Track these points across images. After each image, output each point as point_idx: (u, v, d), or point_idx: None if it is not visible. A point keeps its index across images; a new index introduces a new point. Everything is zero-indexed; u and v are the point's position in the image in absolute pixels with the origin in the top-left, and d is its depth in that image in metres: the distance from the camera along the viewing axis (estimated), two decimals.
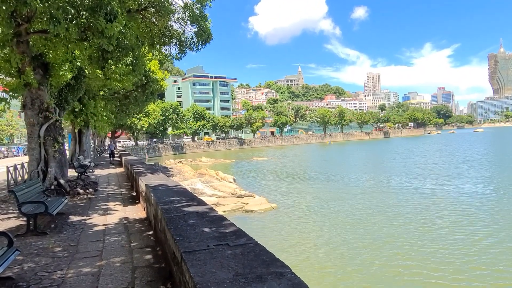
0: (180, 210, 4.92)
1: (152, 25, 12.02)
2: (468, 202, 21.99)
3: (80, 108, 20.09)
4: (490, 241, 14.79)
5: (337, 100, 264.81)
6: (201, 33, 12.40)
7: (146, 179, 9.13)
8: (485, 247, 14.07)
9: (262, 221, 19.20)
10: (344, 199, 24.37)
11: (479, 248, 13.96)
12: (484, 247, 14.13)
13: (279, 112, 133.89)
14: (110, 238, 6.43)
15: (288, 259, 12.98)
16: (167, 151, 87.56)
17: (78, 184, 12.71)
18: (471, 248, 14.00)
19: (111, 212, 8.81)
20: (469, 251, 13.76)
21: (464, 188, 26.99)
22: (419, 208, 20.92)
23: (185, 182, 26.54)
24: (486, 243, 14.61)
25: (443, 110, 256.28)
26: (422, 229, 16.75)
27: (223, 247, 3.13)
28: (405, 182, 30.76)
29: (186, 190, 7.11)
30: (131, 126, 68.61)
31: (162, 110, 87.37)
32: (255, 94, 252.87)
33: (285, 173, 41.45)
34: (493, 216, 18.70)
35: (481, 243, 14.57)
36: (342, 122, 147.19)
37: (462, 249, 13.98)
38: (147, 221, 7.47)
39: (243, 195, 24.75)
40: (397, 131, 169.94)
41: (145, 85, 25.82)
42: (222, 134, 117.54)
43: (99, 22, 7.49)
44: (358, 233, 16.57)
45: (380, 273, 12.05)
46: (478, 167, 38.96)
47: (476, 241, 14.89)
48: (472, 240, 14.97)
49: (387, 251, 14.07)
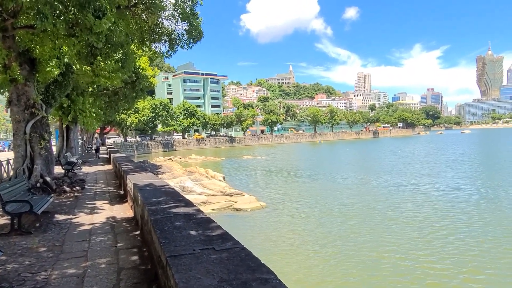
0: (167, 212, 4.88)
1: (142, 22, 11.88)
2: (452, 201, 22.45)
3: (68, 104, 19.83)
4: (475, 239, 15.08)
5: (328, 99, 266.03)
6: (191, 31, 12.31)
7: (134, 178, 9.05)
8: (470, 245, 14.35)
9: (250, 220, 19.21)
10: (333, 198, 24.54)
11: (467, 247, 14.22)
12: (469, 244, 14.41)
13: (270, 110, 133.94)
14: (96, 238, 6.36)
15: (275, 260, 13.09)
16: (157, 148, 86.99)
17: (64, 182, 12.54)
18: (459, 247, 14.26)
19: (98, 211, 8.72)
20: (459, 249, 14.00)
21: (450, 187, 27.49)
22: (406, 207, 21.24)
23: (174, 180, 26.40)
24: (472, 240, 14.91)
25: (432, 111, 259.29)
26: (410, 228, 16.98)
27: (209, 251, 3.11)
28: (393, 182, 31.11)
29: (174, 190, 7.06)
30: (120, 122, 68.02)
31: (152, 107, 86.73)
32: (246, 92, 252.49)
33: (274, 171, 41.54)
34: (475, 213, 19.17)
35: (468, 242, 14.84)
36: (332, 121, 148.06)
37: (450, 249, 14.21)
38: (134, 221, 7.40)
39: (232, 194, 24.72)
40: (386, 131, 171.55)
41: (135, 82, 25.56)
42: (212, 131, 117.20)
43: (87, 18, 7.37)
44: (347, 233, 16.71)
45: (368, 274, 12.17)
46: (463, 168, 39.61)
47: (463, 239, 15.17)
48: (460, 239, 15.24)
49: (375, 250, 14.23)
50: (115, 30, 9.05)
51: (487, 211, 20.01)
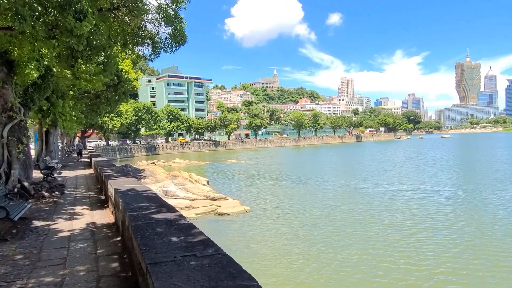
0: (149, 218, 4.82)
1: (124, 25, 11.73)
2: (430, 203, 22.88)
3: (48, 108, 19.38)
4: (452, 241, 15.42)
5: (312, 103, 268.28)
6: (175, 34, 12.22)
7: (115, 183, 8.90)
8: (447, 246, 14.66)
9: (234, 224, 19.13)
10: (316, 202, 24.69)
11: (444, 248, 14.50)
12: (446, 245, 14.72)
13: (254, 114, 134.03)
14: (75, 244, 6.22)
15: (258, 265, 13.10)
16: (140, 151, 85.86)
17: (43, 187, 12.23)
18: (437, 248, 14.53)
19: (77, 217, 8.53)
20: (438, 251, 14.27)
21: (428, 190, 28.06)
22: (386, 210, 21.55)
23: (157, 185, 26.09)
24: (448, 241, 15.23)
25: (413, 116, 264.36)
26: (390, 231, 17.23)
27: (190, 258, 3.08)
28: (374, 185, 31.53)
29: (156, 195, 6.98)
30: (102, 126, 66.90)
31: (135, 110, 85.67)
32: (230, 96, 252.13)
33: (259, 175, 41.54)
34: (452, 215, 19.63)
35: (445, 243, 15.15)
36: (316, 125, 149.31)
37: (434, 250, 14.47)
38: (115, 227, 7.27)
39: (216, 198, 24.58)
40: (369, 135, 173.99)
41: (117, 85, 25.19)
42: (196, 135, 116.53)
43: (68, 20, 7.23)
44: (329, 236, 16.82)
45: (350, 276, 12.27)
46: (441, 172, 40.45)
47: (440, 241, 15.47)
48: (437, 241, 15.54)
49: (356, 253, 14.36)
50: (97, 32, 8.91)
51: (463, 214, 20.56)
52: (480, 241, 15.57)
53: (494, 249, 14.63)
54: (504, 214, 20.14)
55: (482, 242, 15.42)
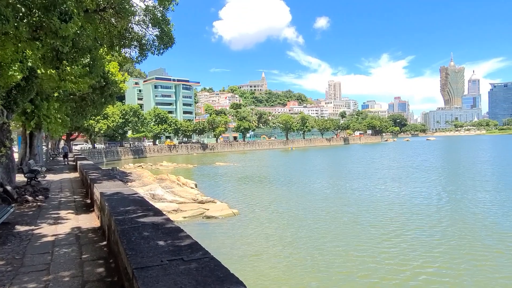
0: (135, 221, 4.75)
1: (111, 27, 11.60)
2: (414, 204, 23.29)
3: (32, 110, 18.98)
4: (434, 240, 15.66)
5: (300, 106, 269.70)
6: (163, 36, 12.14)
7: (101, 187, 8.77)
8: (430, 245, 14.90)
9: (222, 227, 19.05)
10: (304, 204, 24.77)
11: (427, 248, 14.72)
12: (429, 245, 14.95)
13: (242, 117, 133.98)
14: (59, 249, 6.09)
15: (246, 268, 13.08)
16: (127, 155, 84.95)
17: (27, 191, 11.98)
18: (420, 248, 14.73)
19: (62, 221, 8.37)
20: (422, 251, 14.46)
21: (412, 191, 28.62)
22: (372, 211, 21.88)
23: (144, 188, 25.82)
24: (431, 240, 15.49)
25: (399, 119, 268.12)
26: (376, 231, 17.45)
27: (177, 262, 3.04)
28: (360, 187, 31.87)
29: (143, 199, 6.90)
30: (88, 128, 65.93)
31: (122, 113, 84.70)
32: (218, 99, 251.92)
33: (247, 178, 41.49)
34: (435, 216, 20.08)
35: (428, 242, 15.39)
36: (304, 128, 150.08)
37: (418, 251, 14.66)
38: (101, 231, 7.16)
39: (204, 201, 24.45)
40: (356, 138, 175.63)
41: (104, 87, 24.85)
42: (184, 138, 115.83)
43: (52, 21, 7.11)
44: (316, 237, 16.90)
45: (337, 277, 12.33)
46: (425, 173, 41.08)
47: (424, 240, 15.70)
48: (421, 241, 15.76)
49: (343, 254, 14.49)
50: (83, 34, 8.79)
51: (445, 214, 21.09)
52: (461, 241, 15.96)
53: (476, 248, 15.03)
54: (485, 214, 20.73)
55: (464, 242, 15.80)
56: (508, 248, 14.98)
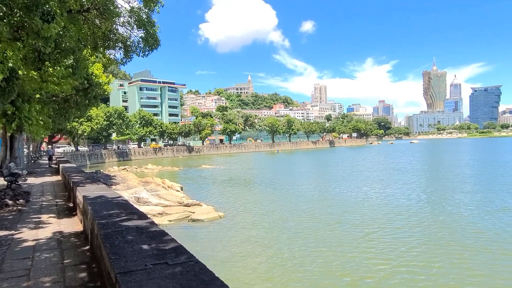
0: (119, 225, 4.69)
1: (95, 28, 11.45)
2: (395, 205, 23.78)
3: (13, 112, 18.56)
4: (415, 240, 15.95)
5: (286, 109, 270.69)
6: (148, 38, 12.06)
7: (84, 190, 8.62)
8: (410, 245, 15.18)
9: (208, 231, 18.94)
10: (289, 206, 24.86)
11: (407, 247, 14.98)
12: (409, 244, 15.23)
13: (229, 119, 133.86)
14: (40, 254, 5.95)
15: (232, 271, 13.04)
16: (111, 157, 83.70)
17: (7, 195, 11.68)
18: (400, 247, 14.99)
19: (43, 226, 8.18)
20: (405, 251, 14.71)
21: (394, 193, 29.19)
22: (359, 214, 22.03)
23: (128, 191, 25.49)
24: (411, 240, 15.77)
25: (383, 122, 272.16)
26: (363, 233, 17.66)
27: (161, 266, 3.01)
28: (344, 189, 32.31)
29: (127, 202, 6.80)
30: (71, 131, 64.76)
31: (106, 115, 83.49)
32: (204, 101, 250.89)
33: (233, 181, 41.40)
34: (414, 216, 20.52)
35: (408, 242, 15.66)
36: (290, 131, 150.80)
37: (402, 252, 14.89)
38: (84, 235, 7.03)
39: (190, 204, 24.28)
40: (341, 141, 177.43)
41: (87, 89, 24.48)
42: (170, 140, 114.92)
43: (34, 22, 6.98)
44: (302, 240, 16.97)
45: (322, 278, 12.40)
46: (408, 175, 41.83)
47: (404, 239, 15.96)
48: (401, 241, 16.02)
49: (327, 255, 14.69)
50: (66, 35, 8.66)
51: (424, 214, 21.82)
52: (439, 241, 16.47)
53: (453, 247, 15.59)
54: (462, 215, 21.52)
55: (442, 242, 16.31)
56: (483, 246, 15.58)
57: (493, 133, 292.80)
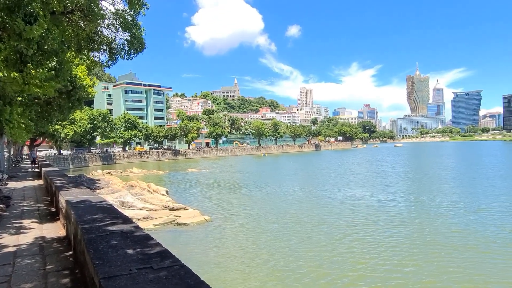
0: (103, 230, 4.63)
1: (79, 29, 11.30)
2: (379, 207, 24.28)
3: None
4: (396, 240, 16.21)
5: (272, 113, 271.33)
6: (133, 41, 11.96)
7: (67, 194, 8.48)
8: (390, 245, 15.45)
9: (193, 234, 18.83)
10: (275, 210, 24.94)
11: (389, 246, 15.22)
12: (390, 244, 15.50)
13: (215, 123, 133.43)
14: (21, 260, 5.82)
15: (218, 275, 13.02)
16: (95, 161, 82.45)
17: None
18: (385, 247, 15.22)
19: (24, 231, 8.00)
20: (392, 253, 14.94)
21: (377, 195, 29.69)
22: (345, 216, 22.35)
23: (113, 195, 25.13)
24: (394, 241, 16.03)
25: (368, 126, 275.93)
26: (348, 235, 17.89)
27: (146, 270, 2.99)
28: (329, 191, 32.74)
29: (111, 206, 6.72)
30: (54, 134, 63.46)
31: (90, 118, 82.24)
32: (190, 104, 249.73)
33: (219, 184, 41.27)
34: (396, 218, 21.00)
35: (391, 241, 15.92)
36: (276, 134, 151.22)
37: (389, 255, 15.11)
38: (67, 240, 6.90)
39: (175, 208, 24.09)
40: (327, 144, 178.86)
41: (71, 92, 24.09)
42: (155, 144, 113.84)
43: (16, 23, 6.86)
44: (287, 242, 17.04)
45: (308, 279, 12.47)
46: (391, 178, 42.56)
47: (387, 239, 16.22)
48: (386, 241, 16.27)
49: (315, 257, 14.84)
50: (49, 36, 8.52)
51: (404, 215, 22.52)
52: (417, 241, 17.00)
53: (431, 245, 16.28)
54: (440, 215, 22.33)
55: (419, 242, 16.83)
56: (460, 244, 16.29)
57: (474, 137, 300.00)
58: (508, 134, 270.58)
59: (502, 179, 39.02)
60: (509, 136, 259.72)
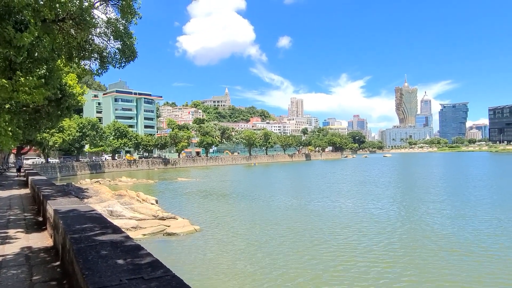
0: (92, 240, 4.56)
1: (70, 38, 11.24)
2: (366, 216, 24.37)
3: None
4: (383, 248, 16.29)
5: (263, 122, 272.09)
6: (124, 50, 11.92)
7: (55, 203, 8.34)
8: (379, 252, 15.52)
9: (183, 244, 18.64)
10: (265, 219, 24.88)
11: (378, 254, 15.29)
12: (379, 252, 15.58)
13: (205, 132, 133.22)
14: (7, 271, 5.68)
15: (208, 285, 12.97)
16: (83, 170, 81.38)
17: None
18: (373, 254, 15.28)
19: (10, 241, 7.82)
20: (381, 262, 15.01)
21: (365, 205, 29.83)
22: (333, 223, 22.66)
23: (101, 204, 24.80)
24: (381, 249, 16.12)
25: (358, 136, 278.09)
26: (338, 241, 17.91)
27: (137, 281, 2.95)
28: (323, 202, 32.53)
29: (100, 216, 6.63)
30: (42, 142, 62.56)
31: (79, 126, 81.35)
32: (181, 113, 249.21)
33: (209, 194, 41.04)
34: (384, 226, 20.99)
35: (379, 248, 15.98)
36: (267, 144, 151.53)
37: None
38: (54, 250, 6.78)
39: (165, 217, 23.84)
40: (317, 154, 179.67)
41: (60, 100, 23.85)
42: (145, 153, 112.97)
43: (6, 31, 6.81)
44: (278, 251, 16.98)
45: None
46: (379, 188, 42.90)
47: (376, 246, 16.28)
48: (374, 248, 16.33)
49: (305, 265, 14.85)
50: (39, 44, 8.47)
51: (392, 223, 22.94)
52: (402, 249, 17.25)
53: (415, 249, 16.93)
54: (425, 222, 22.97)
55: (403, 250, 17.07)
56: (442, 248, 16.97)
57: (461, 148, 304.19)
58: (494, 146, 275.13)
59: (486, 188, 40.06)
60: (495, 148, 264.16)
